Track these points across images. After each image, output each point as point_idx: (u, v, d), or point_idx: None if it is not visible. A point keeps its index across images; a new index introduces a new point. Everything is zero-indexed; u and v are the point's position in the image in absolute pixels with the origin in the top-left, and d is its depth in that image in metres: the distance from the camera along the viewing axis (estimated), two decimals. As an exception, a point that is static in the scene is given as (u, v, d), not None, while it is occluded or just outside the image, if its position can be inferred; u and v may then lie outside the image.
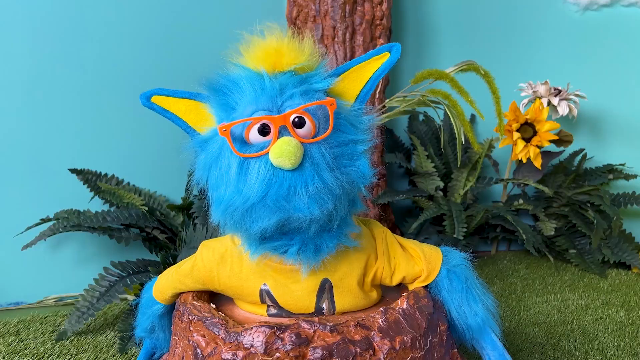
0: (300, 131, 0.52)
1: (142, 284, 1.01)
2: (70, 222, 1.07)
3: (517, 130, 1.35)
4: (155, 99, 0.58)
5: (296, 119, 0.52)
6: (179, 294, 0.64)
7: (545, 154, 1.42)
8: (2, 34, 1.16)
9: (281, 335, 0.51)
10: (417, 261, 0.61)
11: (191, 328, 0.56)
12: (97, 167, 1.23)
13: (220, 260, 0.60)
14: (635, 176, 1.45)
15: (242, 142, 0.52)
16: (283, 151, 0.49)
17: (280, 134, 0.51)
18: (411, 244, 0.62)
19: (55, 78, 1.20)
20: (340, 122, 0.54)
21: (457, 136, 1.11)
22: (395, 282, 0.61)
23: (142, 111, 1.29)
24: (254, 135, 0.52)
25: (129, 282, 1.01)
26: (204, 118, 0.57)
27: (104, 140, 1.25)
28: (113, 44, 1.24)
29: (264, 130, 0.51)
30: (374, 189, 1.33)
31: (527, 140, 1.36)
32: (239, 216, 0.51)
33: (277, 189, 0.50)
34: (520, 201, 1.44)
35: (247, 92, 0.53)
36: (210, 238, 0.75)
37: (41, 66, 1.19)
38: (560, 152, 1.44)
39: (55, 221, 1.12)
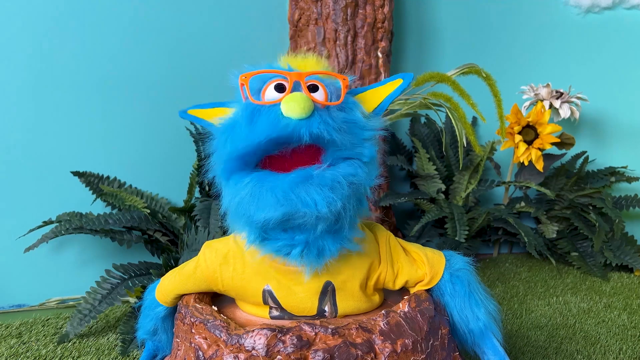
0: (313, 94, 0.54)
1: (144, 287, 1.01)
2: (72, 224, 1.08)
3: (519, 133, 1.35)
4: (191, 112, 0.63)
5: (310, 86, 0.54)
6: (181, 296, 0.64)
7: (547, 157, 1.42)
8: (6, 35, 1.16)
9: (282, 337, 0.51)
10: (420, 265, 0.61)
11: (193, 330, 0.56)
12: (100, 170, 1.23)
13: (223, 260, 0.60)
14: (637, 179, 1.45)
15: (257, 95, 0.55)
16: (295, 97, 0.52)
17: (294, 90, 0.54)
18: (414, 248, 0.63)
19: (58, 80, 1.21)
20: (349, 105, 0.56)
21: (458, 139, 1.11)
22: (398, 286, 0.61)
23: (144, 114, 1.31)
24: (270, 93, 0.54)
25: (130, 284, 1.01)
26: None
27: (106, 143, 1.25)
28: (116, 47, 1.24)
29: (280, 87, 0.54)
30: (376, 191, 1.33)
31: (529, 142, 1.36)
32: (242, 153, 0.52)
33: (281, 130, 0.51)
34: (522, 204, 1.44)
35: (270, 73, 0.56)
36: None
37: (44, 68, 1.19)
38: (562, 155, 1.44)
39: (57, 224, 1.12)
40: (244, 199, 0.51)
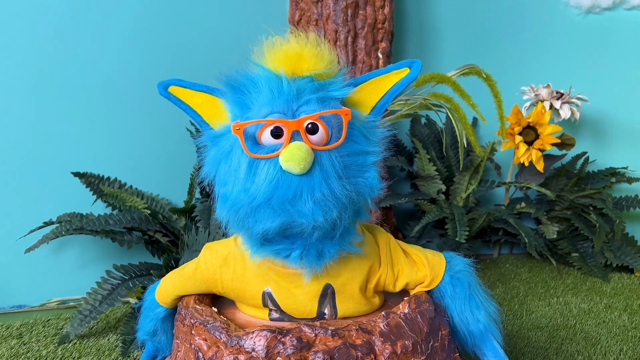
0: (313, 137, 0.52)
1: (144, 287, 1.01)
2: (72, 225, 1.08)
3: (519, 134, 1.35)
4: (173, 89, 0.57)
5: (309, 125, 0.52)
6: (181, 297, 0.64)
7: (548, 157, 1.42)
8: (6, 35, 1.16)
9: (282, 339, 0.51)
10: (420, 267, 0.61)
11: (193, 331, 0.56)
12: (100, 171, 1.23)
13: (223, 262, 0.60)
14: (637, 179, 1.45)
15: (254, 142, 0.52)
16: (293, 155, 0.50)
17: (292, 138, 0.51)
18: (414, 250, 0.62)
19: (59, 81, 1.21)
20: (353, 133, 0.54)
21: (459, 139, 1.11)
22: (398, 288, 0.61)
23: (145, 114, 1.31)
24: (266, 137, 0.52)
25: (131, 285, 1.01)
26: (218, 113, 0.57)
27: (106, 144, 1.25)
28: (116, 47, 1.24)
29: (276, 133, 0.52)
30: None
31: (529, 143, 1.36)
32: (243, 215, 0.51)
33: (283, 192, 0.50)
34: (523, 204, 1.44)
35: (264, 93, 0.53)
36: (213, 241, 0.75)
37: (45, 69, 1.20)
38: (563, 156, 1.44)
39: (58, 224, 1.12)
40: (241, 213, 0.51)
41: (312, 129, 0.52)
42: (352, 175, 0.53)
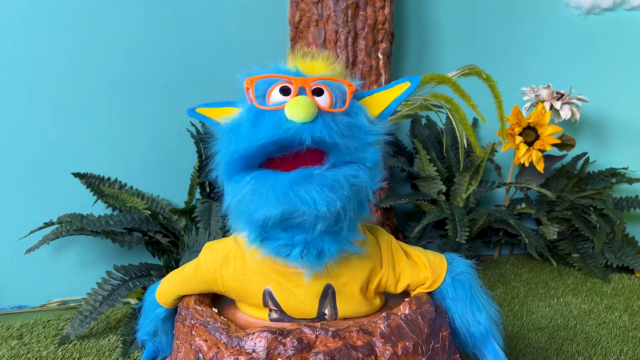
0: (318, 98, 0.54)
1: (144, 288, 1.01)
2: (73, 226, 1.08)
3: (520, 134, 1.35)
4: (199, 110, 0.64)
5: (315, 89, 0.54)
6: (181, 298, 0.64)
7: (548, 158, 1.42)
8: (7, 36, 1.16)
9: (283, 340, 0.51)
10: (421, 269, 0.61)
11: (193, 332, 0.56)
12: (100, 171, 1.23)
13: (224, 261, 0.60)
14: (638, 180, 1.45)
15: (262, 99, 0.55)
16: (299, 101, 0.52)
17: (299, 94, 0.54)
18: (416, 251, 0.63)
19: (59, 81, 1.21)
20: (354, 110, 0.56)
21: (459, 140, 1.11)
22: (399, 289, 0.61)
23: (145, 115, 1.31)
24: (274, 95, 0.54)
25: (131, 285, 1.01)
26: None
27: (107, 144, 1.25)
28: (116, 48, 1.24)
29: (285, 90, 0.54)
30: (377, 193, 1.33)
31: (530, 144, 1.36)
32: (245, 153, 0.52)
33: (283, 133, 0.51)
34: (523, 205, 1.44)
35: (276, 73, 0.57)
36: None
37: (45, 70, 1.19)
38: (563, 156, 1.44)
39: (58, 225, 1.12)
40: (244, 197, 0.52)
41: (318, 92, 0.54)
42: (351, 145, 0.53)
